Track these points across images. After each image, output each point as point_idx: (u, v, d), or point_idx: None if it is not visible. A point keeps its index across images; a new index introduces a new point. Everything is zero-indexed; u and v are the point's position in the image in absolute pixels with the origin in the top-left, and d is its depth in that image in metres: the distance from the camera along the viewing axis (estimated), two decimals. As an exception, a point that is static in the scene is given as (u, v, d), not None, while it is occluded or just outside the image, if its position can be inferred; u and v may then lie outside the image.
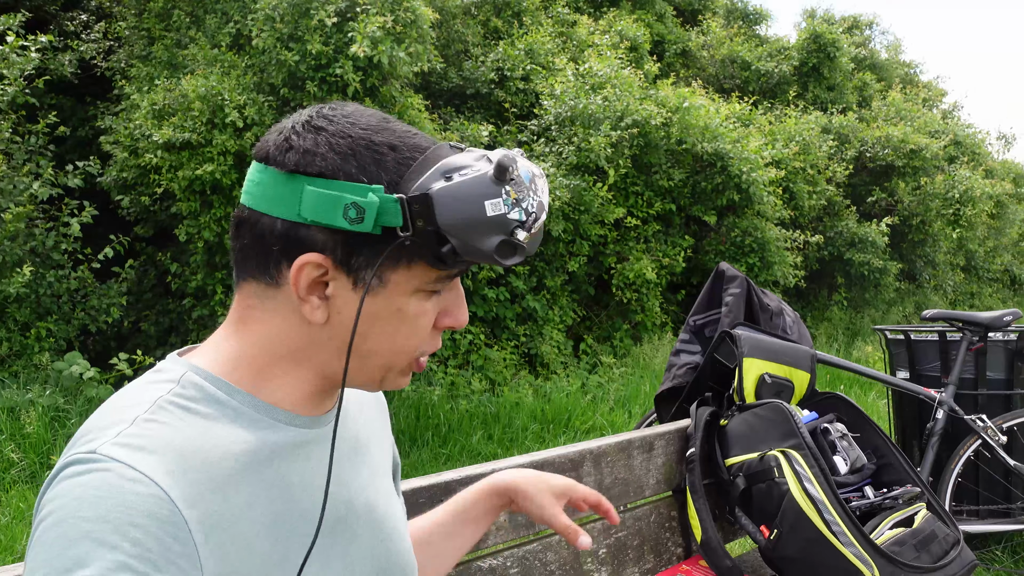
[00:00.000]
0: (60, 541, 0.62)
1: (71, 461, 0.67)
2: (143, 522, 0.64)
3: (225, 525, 0.71)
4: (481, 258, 0.74)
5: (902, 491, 1.88)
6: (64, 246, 5.06)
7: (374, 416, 1.00)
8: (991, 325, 2.91)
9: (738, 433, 2.00)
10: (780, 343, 2.25)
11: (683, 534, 2.04)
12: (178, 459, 0.70)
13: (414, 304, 0.78)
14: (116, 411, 0.73)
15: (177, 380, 0.76)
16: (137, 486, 0.65)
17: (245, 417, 0.77)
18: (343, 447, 0.88)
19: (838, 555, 1.69)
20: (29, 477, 3.88)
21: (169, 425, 0.72)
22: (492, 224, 0.73)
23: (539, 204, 0.76)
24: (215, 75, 5.47)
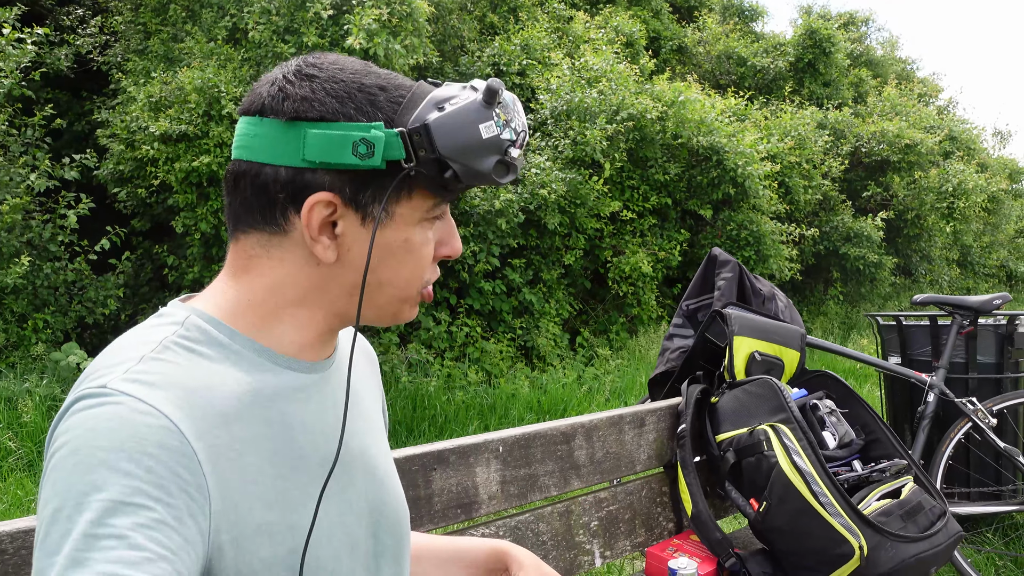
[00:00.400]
0: (78, 468, 0.64)
1: (82, 395, 0.69)
2: (155, 451, 0.66)
3: (231, 457, 0.74)
4: (480, 180, 0.80)
5: (889, 464, 1.91)
6: (61, 238, 5.07)
7: (366, 370, 1.02)
8: (981, 309, 2.93)
9: (728, 409, 2.03)
10: (770, 322, 2.27)
11: (674, 509, 2.06)
12: (185, 395, 0.72)
13: (419, 234, 0.83)
14: (123, 350, 0.75)
15: (181, 323, 0.79)
16: (148, 418, 0.67)
17: (246, 360, 0.80)
18: (340, 391, 0.90)
19: (826, 525, 1.71)
20: (27, 465, 3.89)
21: (175, 364, 0.74)
22: (488, 146, 0.78)
23: (523, 123, 0.82)
24: (211, 68, 5.48)
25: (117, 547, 0.61)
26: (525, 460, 1.70)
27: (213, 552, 0.71)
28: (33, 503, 3.54)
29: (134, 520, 0.62)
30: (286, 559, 0.77)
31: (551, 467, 1.75)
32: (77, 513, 0.62)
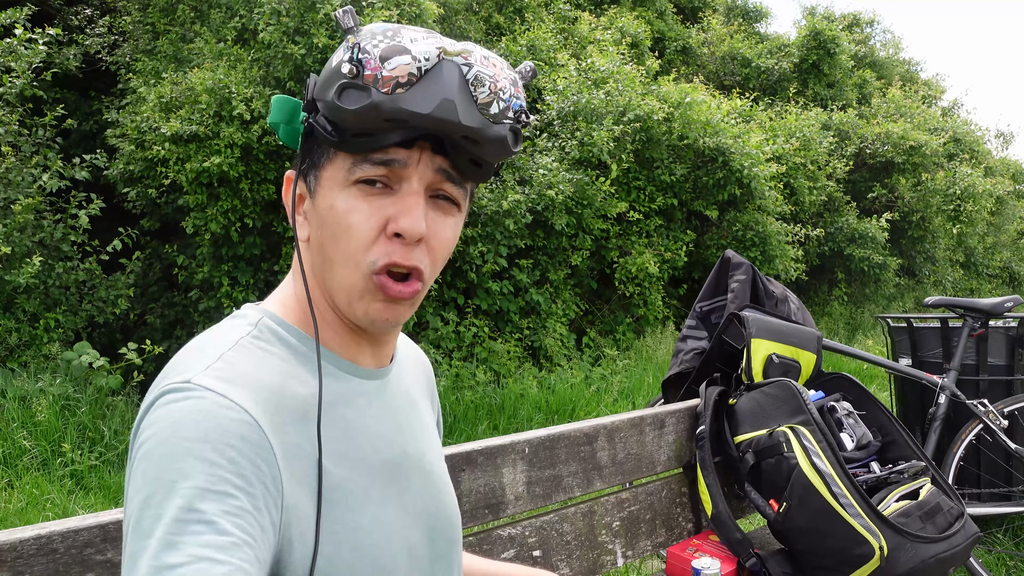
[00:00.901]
0: (166, 457, 0.67)
1: (167, 390, 0.72)
2: (237, 444, 0.69)
3: (300, 455, 0.76)
4: (338, 113, 0.75)
5: (907, 465, 1.93)
6: (72, 238, 5.09)
7: (420, 378, 1.05)
8: (992, 312, 2.95)
9: (747, 411, 2.05)
10: (787, 325, 2.30)
11: (693, 509, 2.08)
12: (261, 392, 0.75)
13: (343, 200, 0.79)
14: (202, 348, 0.79)
15: (255, 324, 0.83)
16: (230, 412, 0.70)
17: (312, 363, 0.83)
18: (399, 399, 0.93)
19: (846, 525, 1.74)
20: (41, 464, 3.92)
21: (250, 362, 0.77)
22: (334, 73, 0.76)
23: (392, 47, 0.74)
24: (222, 68, 5.50)
25: (206, 532, 0.64)
26: (550, 461, 1.72)
27: (283, 545, 0.73)
28: (47, 502, 3.57)
29: (220, 507, 0.65)
30: (347, 557, 0.79)
31: (574, 468, 1.78)
32: (167, 499, 0.65)
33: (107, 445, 4.20)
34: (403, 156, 0.78)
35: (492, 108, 0.78)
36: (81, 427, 4.17)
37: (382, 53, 0.74)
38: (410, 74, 0.74)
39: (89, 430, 4.21)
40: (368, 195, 0.79)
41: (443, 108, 0.74)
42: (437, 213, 0.82)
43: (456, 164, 0.81)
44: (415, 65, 0.74)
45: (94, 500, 3.67)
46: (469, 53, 0.77)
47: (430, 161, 0.80)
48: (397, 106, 0.74)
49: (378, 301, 0.81)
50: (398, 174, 0.79)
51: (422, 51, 0.75)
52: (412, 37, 0.76)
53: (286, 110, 0.84)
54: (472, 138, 0.78)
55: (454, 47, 0.76)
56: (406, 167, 0.79)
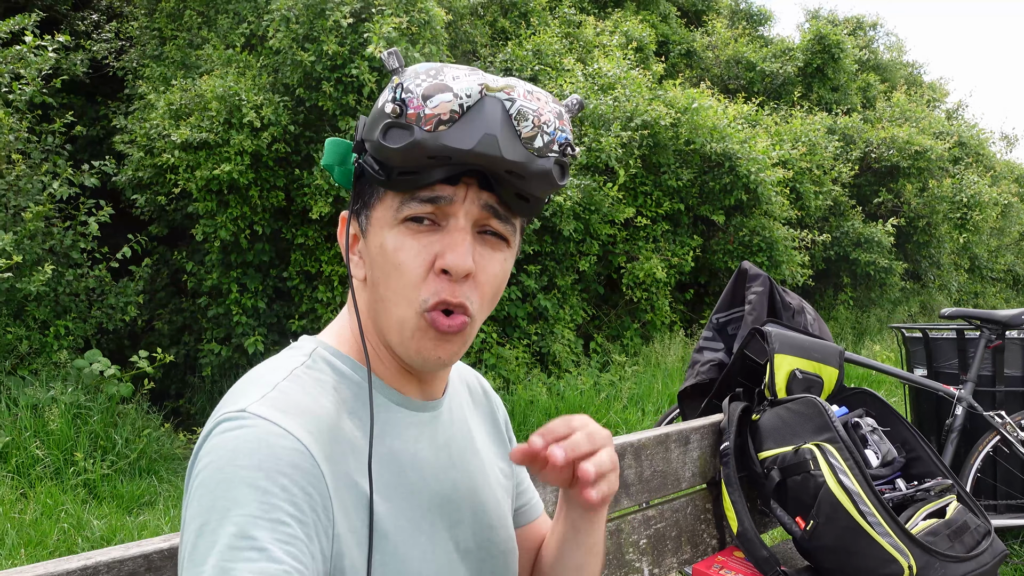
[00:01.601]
0: (222, 485, 0.68)
1: (224, 419, 0.73)
2: (290, 472, 0.70)
3: (350, 485, 0.77)
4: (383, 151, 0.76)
5: (933, 483, 1.93)
6: (82, 245, 5.10)
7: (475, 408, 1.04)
8: (1009, 323, 2.95)
9: (771, 427, 2.05)
10: (810, 340, 2.29)
11: (717, 526, 2.08)
12: (313, 421, 0.76)
13: (392, 238, 0.80)
14: (259, 378, 0.80)
15: (309, 354, 0.84)
16: (283, 440, 0.71)
17: (365, 391, 0.84)
18: (452, 431, 0.93)
19: (875, 544, 1.73)
20: (54, 473, 3.92)
21: (304, 392, 0.78)
22: (380, 113, 0.77)
23: (434, 86, 0.74)
24: (231, 75, 5.50)
25: (259, 559, 0.65)
26: (578, 480, 1.72)
27: (334, 574, 0.74)
28: (62, 512, 3.57)
29: (273, 535, 0.66)
30: None
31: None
32: (221, 527, 0.66)
33: (119, 454, 4.21)
34: (449, 193, 0.78)
35: (536, 142, 0.78)
36: (93, 436, 4.17)
37: (424, 91, 0.74)
38: (452, 111, 0.74)
39: (101, 439, 4.21)
40: (416, 233, 0.79)
41: (485, 143, 0.75)
42: (485, 248, 0.82)
43: (503, 199, 0.81)
44: (457, 102, 0.75)
45: (108, 510, 3.68)
46: (512, 88, 0.77)
47: (476, 197, 0.79)
48: (439, 143, 0.74)
49: (429, 339, 0.81)
50: (445, 211, 0.79)
51: (464, 88, 0.75)
52: (454, 75, 0.76)
53: (339, 152, 0.86)
54: (516, 172, 0.77)
55: (496, 83, 0.77)
56: (452, 203, 0.79)
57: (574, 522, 0.94)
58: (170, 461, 4.46)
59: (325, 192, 5.40)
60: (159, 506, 3.84)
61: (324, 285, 5.68)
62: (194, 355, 5.99)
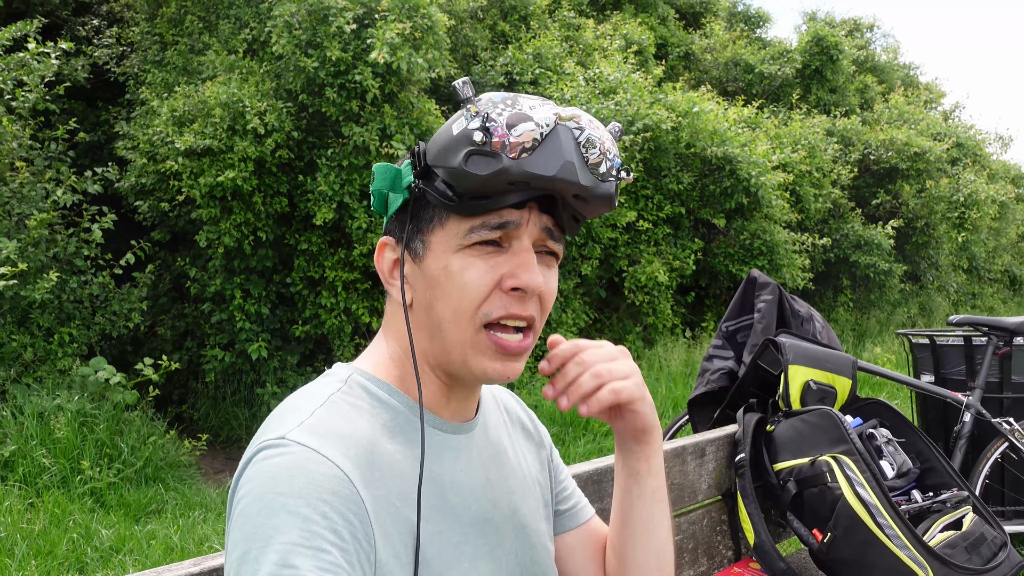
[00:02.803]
0: (263, 512, 0.69)
1: (263, 446, 0.75)
2: (330, 499, 0.71)
3: (390, 511, 0.78)
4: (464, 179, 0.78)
5: (949, 495, 1.94)
6: (86, 251, 5.09)
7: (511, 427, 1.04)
8: (1017, 330, 2.97)
9: (786, 439, 2.05)
10: (823, 350, 2.30)
11: (733, 537, 2.09)
12: (352, 447, 0.77)
13: (458, 260, 0.82)
14: (295, 406, 0.81)
15: (344, 380, 0.85)
16: (322, 467, 0.72)
17: (402, 416, 0.85)
18: (487, 451, 0.94)
19: (893, 557, 1.74)
20: (61, 482, 3.91)
21: (341, 418, 0.79)
22: (458, 140, 0.78)
23: (516, 115, 0.77)
24: (234, 81, 5.50)
25: None
26: (598, 495, 1.73)
27: None
28: (70, 521, 3.56)
29: (314, 562, 0.67)
30: None
31: (621, 500, 1.78)
32: (263, 555, 0.67)
33: (125, 462, 4.20)
34: (516, 217, 0.82)
35: (601, 168, 0.82)
36: (99, 443, 4.17)
37: (508, 121, 0.77)
38: (534, 140, 0.77)
39: (107, 446, 4.20)
40: (483, 255, 0.82)
41: (565, 170, 0.78)
42: (543, 267, 0.85)
43: (558, 221, 0.85)
44: (538, 131, 0.77)
45: (115, 518, 3.67)
46: (579, 117, 0.80)
47: (538, 220, 0.83)
48: (523, 170, 0.77)
49: (495, 360, 0.84)
50: (510, 234, 0.82)
51: (542, 118, 0.78)
52: (530, 104, 0.79)
53: (389, 176, 0.86)
54: (583, 196, 0.82)
55: (566, 112, 0.80)
56: (519, 227, 0.82)
57: (630, 464, 0.97)
58: (176, 468, 4.46)
59: (329, 198, 5.40)
60: (167, 515, 3.84)
61: (327, 291, 5.68)
62: (197, 361, 5.99)
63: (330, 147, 5.64)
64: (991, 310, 12.35)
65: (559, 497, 1.08)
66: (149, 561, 3.22)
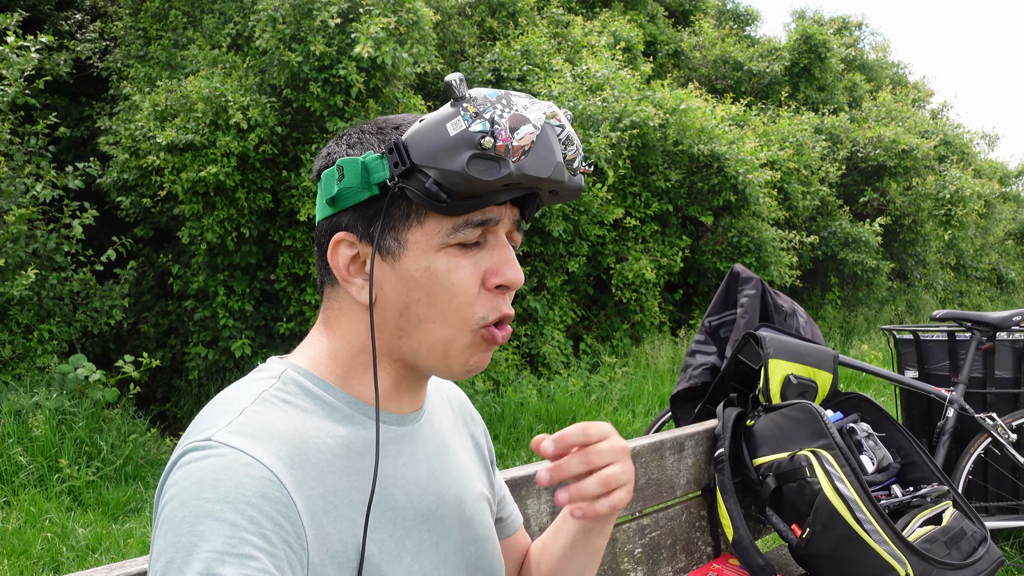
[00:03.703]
0: (187, 520, 0.66)
1: (189, 448, 0.71)
2: (257, 502, 0.68)
3: (327, 509, 0.75)
4: (464, 183, 0.75)
5: (929, 489, 1.92)
6: (66, 248, 5.03)
7: (456, 421, 1.02)
8: (1000, 325, 2.96)
9: (766, 433, 2.03)
10: (804, 344, 2.28)
11: (712, 533, 2.07)
12: (283, 446, 0.74)
13: (442, 260, 0.79)
14: (225, 404, 0.78)
15: (278, 376, 0.82)
16: (250, 469, 0.69)
17: (338, 412, 0.82)
18: (432, 443, 0.91)
19: (872, 552, 1.72)
20: (38, 480, 3.86)
21: (273, 416, 0.76)
22: (457, 142, 0.75)
23: (516, 117, 0.75)
24: (217, 76, 5.45)
25: None
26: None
27: None
28: (46, 520, 3.52)
29: (240, 570, 0.64)
30: None
31: (597, 495, 1.75)
32: (187, 564, 0.64)
33: (104, 460, 4.15)
34: (498, 214, 0.81)
35: (575, 163, 0.82)
36: (78, 442, 4.12)
37: (510, 124, 0.75)
38: (531, 142, 0.77)
39: (86, 444, 4.15)
40: (465, 253, 0.81)
41: (557, 171, 0.78)
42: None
43: (524, 213, 0.85)
44: (535, 134, 0.77)
45: (93, 517, 3.63)
46: (558, 114, 0.80)
47: (511, 214, 0.83)
48: (522, 172, 0.76)
49: (480, 352, 0.83)
50: (487, 229, 0.82)
51: (536, 118, 0.77)
52: (523, 104, 0.77)
53: (357, 172, 0.80)
54: (557, 190, 0.82)
55: (549, 109, 0.79)
56: (498, 223, 0.82)
57: (586, 526, 0.95)
58: (157, 467, 4.41)
59: (313, 194, 5.36)
60: (145, 513, 3.79)
61: (312, 287, 5.64)
62: (180, 359, 5.93)
63: (314, 142, 5.60)
64: (978, 308, 12.40)
65: (500, 504, 1.06)
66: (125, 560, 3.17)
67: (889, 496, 1.96)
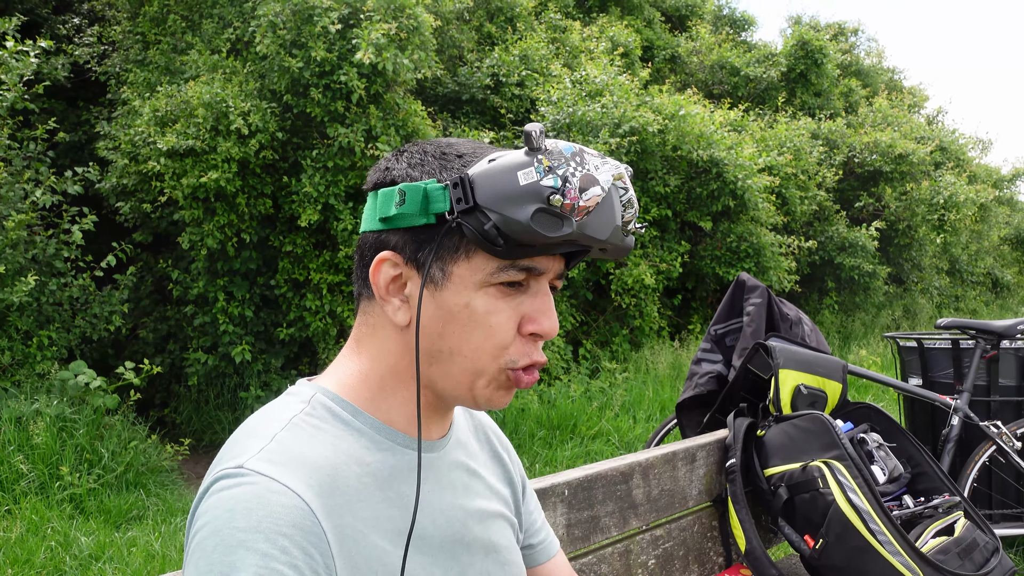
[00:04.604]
0: (219, 548, 0.66)
1: (221, 476, 0.72)
2: (289, 531, 0.68)
3: (357, 538, 0.75)
4: (524, 233, 0.75)
5: (941, 500, 1.92)
6: (65, 253, 5.01)
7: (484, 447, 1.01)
8: (1004, 333, 2.97)
9: (777, 444, 2.04)
10: (813, 354, 2.29)
11: (723, 543, 2.07)
12: (313, 473, 0.74)
13: (482, 300, 0.79)
14: (255, 429, 0.77)
15: (308, 401, 0.81)
16: (282, 498, 0.69)
17: (367, 437, 0.81)
18: (458, 470, 0.91)
19: (885, 564, 1.73)
20: (39, 488, 3.84)
21: (303, 442, 0.76)
22: (525, 193, 0.74)
23: (587, 177, 0.75)
24: (218, 81, 5.44)
25: None
26: (588, 502, 1.70)
27: None
28: (48, 528, 3.50)
29: None
30: None
31: (611, 508, 1.75)
32: None
33: (105, 467, 4.13)
34: (546, 265, 0.81)
35: (630, 225, 0.82)
36: (79, 449, 4.10)
37: (581, 184, 0.75)
38: (597, 204, 0.77)
39: (87, 452, 4.13)
40: (506, 295, 0.81)
41: (615, 234, 0.79)
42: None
43: (569, 263, 0.85)
44: (602, 196, 0.77)
45: (95, 525, 3.61)
46: (624, 176, 0.80)
47: (557, 264, 0.83)
48: (583, 232, 0.76)
49: (503, 390, 0.83)
50: (531, 276, 0.81)
51: (604, 180, 0.77)
52: (595, 164, 0.77)
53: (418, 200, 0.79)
54: (606, 249, 0.82)
55: (616, 170, 0.79)
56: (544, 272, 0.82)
57: None
58: (158, 474, 4.40)
59: (314, 200, 5.35)
60: (148, 521, 3.77)
61: (312, 293, 5.63)
62: (179, 364, 5.91)
63: (315, 148, 5.59)
64: (974, 312, 12.45)
65: (532, 528, 1.05)
66: (130, 569, 3.16)
67: (901, 507, 1.96)
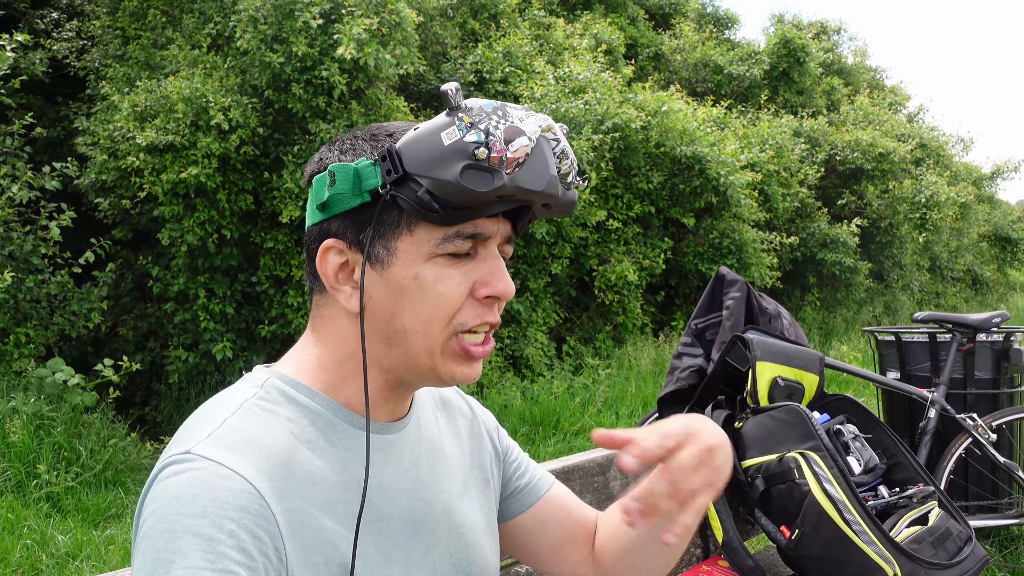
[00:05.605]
0: (165, 535, 0.66)
1: (168, 462, 0.71)
2: (236, 516, 0.67)
3: (308, 521, 0.74)
4: (457, 194, 0.74)
5: (915, 490, 1.94)
6: (43, 250, 4.96)
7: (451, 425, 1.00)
8: (980, 327, 3.00)
9: (754, 435, 2.04)
10: (791, 347, 2.30)
11: (701, 535, 2.08)
12: (264, 456, 0.73)
13: (430, 270, 0.78)
14: (206, 414, 0.77)
15: (261, 385, 0.81)
16: (229, 482, 0.69)
17: (323, 419, 0.81)
18: (420, 450, 0.90)
19: (860, 553, 1.74)
20: (15, 487, 3.80)
21: (254, 426, 0.75)
22: (451, 152, 0.74)
23: (511, 129, 0.75)
24: (198, 76, 5.40)
25: None
26: (565, 493, 1.70)
27: None
28: (24, 527, 3.46)
29: None
30: None
31: (588, 499, 1.75)
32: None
33: (83, 465, 4.09)
34: (489, 228, 0.80)
35: (569, 177, 0.81)
36: (56, 447, 4.05)
37: (505, 135, 0.74)
38: (526, 154, 0.76)
39: (65, 450, 4.09)
40: (455, 263, 0.80)
41: (551, 184, 0.78)
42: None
43: (516, 227, 0.84)
44: (530, 146, 0.76)
45: (72, 524, 3.57)
46: (554, 128, 0.79)
47: (502, 226, 0.82)
48: (516, 185, 0.75)
49: (463, 364, 0.82)
50: (478, 241, 0.81)
51: (531, 131, 0.76)
52: (519, 116, 0.76)
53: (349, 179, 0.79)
54: (550, 204, 0.81)
55: (544, 122, 0.78)
56: (489, 237, 0.81)
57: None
58: (137, 472, 4.36)
59: (295, 195, 5.32)
60: (126, 519, 3.74)
61: (294, 290, 5.60)
62: (160, 362, 5.87)
63: (296, 144, 5.56)
64: (954, 308, 12.58)
65: (516, 473, 1.04)
66: (107, 566, 3.13)
67: (876, 497, 1.98)
